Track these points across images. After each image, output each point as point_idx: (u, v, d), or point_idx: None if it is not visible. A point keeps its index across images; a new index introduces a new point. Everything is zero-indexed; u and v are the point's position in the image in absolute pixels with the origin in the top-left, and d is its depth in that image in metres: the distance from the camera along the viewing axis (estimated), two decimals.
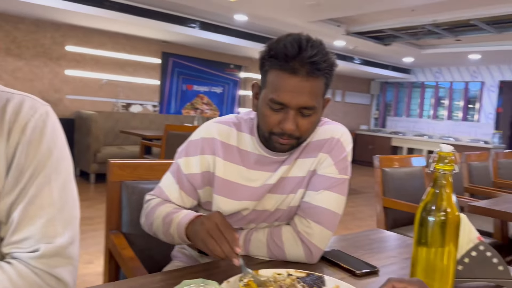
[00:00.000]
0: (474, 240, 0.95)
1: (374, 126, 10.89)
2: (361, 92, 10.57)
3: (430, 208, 0.86)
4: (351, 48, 7.43)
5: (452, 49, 7.05)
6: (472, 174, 3.31)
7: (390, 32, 6.13)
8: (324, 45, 0.95)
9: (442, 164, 0.85)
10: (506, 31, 5.56)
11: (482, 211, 1.99)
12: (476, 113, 9.09)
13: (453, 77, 9.31)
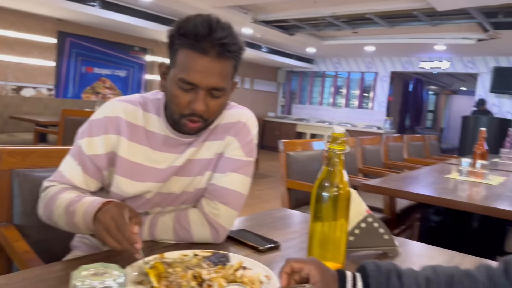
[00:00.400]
0: (363, 213, 1.05)
1: (281, 113, 11.29)
2: (269, 80, 10.88)
3: (324, 185, 0.93)
4: (258, 36, 7.58)
5: (350, 41, 7.55)
6: (365, 156, 3.61)
7: (294, 22, 6.37)
8: (234, 28, 0.96)
9: (335, 144, 0.93)
10: (397, 25, 6.11)
11: (373, 189, 2.19)
12: (370, 102, 9.90)
13: (351, 67, 10.01)
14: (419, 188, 2.23)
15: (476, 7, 4.77)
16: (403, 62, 9.23)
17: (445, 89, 14.79)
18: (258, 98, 10.60)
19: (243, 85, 10.05)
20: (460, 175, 2.69)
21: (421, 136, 4.95)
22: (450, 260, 1.08)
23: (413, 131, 11.65)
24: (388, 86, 9.57)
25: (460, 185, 2.42)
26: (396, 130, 10.12)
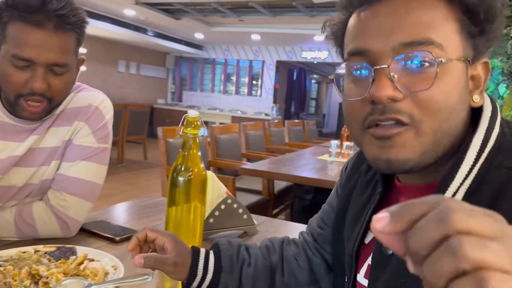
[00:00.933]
0: (223, 195, 1.08)
1: (171, 100, 11.05)
2: (157, 65, 10.53)
3: (180, 169, 0.92)
4: (142, 18, 7.27)
5: (237, 29, 7.65)
6: (248, 141, 3.72)
7: (179, 6, 6.23)
8: None
9: (189, 128, 0.92)
10: (280, 15, 6.35)
11: (251, 172, 2.27)
12: (259, 89, 10.21)
13: (240, 55, 10.18)
14: (292, 169, 2.37)
15: None
16: (287, 51, 9.67)
17: (326, 77, 15.92)
18: (146, 84, 10.21)
19: (129, 70, 9.58)
20: (330, 156, 2.93)
21: (300, 122, 5.25)
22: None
23: (298, 117, 12.36)
24: (274, 74, 9.96)
25: (329, 165, 2.64)
26: (282, 117, 10.62)
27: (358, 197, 0.66)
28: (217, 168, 2.93)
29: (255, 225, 1.12)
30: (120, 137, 5.98)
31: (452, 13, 0.49)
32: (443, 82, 0.47)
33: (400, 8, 0.49)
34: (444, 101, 0.48)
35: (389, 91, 0.47)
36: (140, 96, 9.98)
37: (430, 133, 0.48)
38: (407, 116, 0.48)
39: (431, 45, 0.47)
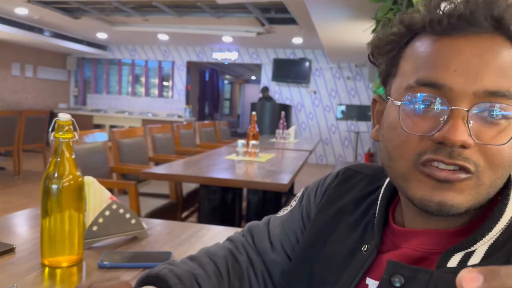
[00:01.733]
0: (107, 200, 1.03)
1: (74, 104, 10.37)
2: (56, 67, 9.81)
3: (52, 177, 0.86)
4: (36, 18, 6.73)
5: (142, 28, 7.41)
6: (156, 144, 3.63)
7: (77, 4, 5.88)
8: None
9: (61, 132, 0.87)
10: (185, 15, 6.27)
11: (152, 176, 2.21)
12: (170, 90, 10.00)
13: (148, 55, 9.88)
14: (197, 170, 2.35)
15: (251, 2, 5.27)
16: (197, 52, 9.60)
17: (238, 78, 16.13)
18: (44, 87, 9.45)
19: (24, 73, 8.80)
20: (237, 155, 2.96)
21: (211, 122, 5.25)
22: (196, 232, 1.16)
23: (212, 118, 12.36)
24: (186, 75, 9.84)
25: (237, 164, 2.66)
26: (196, 118, 10.53)
27: (343, 238, 0.61)
28: (120, 174, 2.81)
29: (145, 230, 1.09)
30: (15, 147, 5.47)
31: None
32: None
33: (488, 51, 0.46)
34: (509, 157, 0.47)
35: (464, 136, 0.45)
36: (38, 101, 9.23)
37: (488, 185, 0.47)
38: (473, 164, 0.46)
39: (510, 99, 0.46)
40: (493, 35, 0.47)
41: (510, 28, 0.47)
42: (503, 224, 0.48)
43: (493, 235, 0.48)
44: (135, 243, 1.06)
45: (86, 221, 1.01)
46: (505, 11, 0.47)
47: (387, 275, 0.51)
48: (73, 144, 0.90)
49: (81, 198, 0.89)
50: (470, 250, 0.48)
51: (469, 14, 0.47)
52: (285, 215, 0.74)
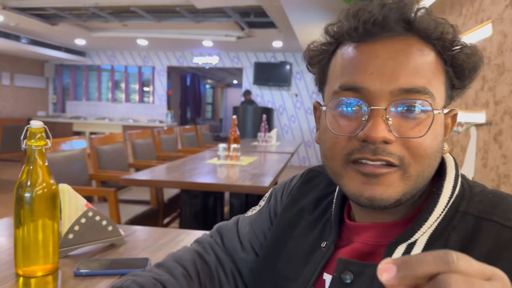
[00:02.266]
0: (83, 208, 1.02)
1: (53, 111, 10.20)
2: (34, 74, 9.63)
3: (26, 185, 0.85)
4: (12, 24, 6.61)
5: (121, 34, 7.34)
6: (136, 150, 3.60)
7: (54, 11, 5.79)
8: None
9: (33, 140, 0.86)
10: (164, 20, 6.24)
11: (131, 182, 2.19)
12: (150, 96, 9.92)
13: (127, 61, 9.79)
14: (178, 176, 2.34)
15: (230, 7, 5.29)
16: (177, 56, 9.56)
17: (220, 82, 16.11)
18: (22, 95, 9.27)
19: (1, 81, 8.62)
20: (219, 159, 2.96)
21: (193, 127, 5.24)
22: (175, 237, 1.15)
23: (194, 123, 12.30)
24: (166, 80, 9.78)
25: (218, 168, 2.66)
26: (178, 123, 10.47)
27: (304, 236, 0.64)
28: (100, 182, 2.78)
29: (122, 236, 1.09)
30: None
31: (441, 64, 0.52)
32: (432, 131, 0.50)
33: (401, 53, 0.50)
34: (431, 148, 0.50)
35: (384, 133, 0.49)
36: (16, 109, 9.05)
37: (415, 175, 0.50)
38: (397, 158, 0.49)
39: (426, 95, 0.50)
40: (406, 37, 0.51)
41: (420, 29, 0.51)
42: (438, 214, 0.51)
43: (430, 225, 0.51)
44: (113, 250, 1.06)
45: (62, 229, 1.00)
46: (415, 14, 0.51)
47: (337, 273, 0.54)
48: (46, 151, 0.89)
49: (55, 206, 0.89)
50: (412, 241, 0.51)
51: (382, 20, 0.50)
52: (254, 214, 0.76)
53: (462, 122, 1.76)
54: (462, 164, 1.73)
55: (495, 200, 0.51)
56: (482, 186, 0.55)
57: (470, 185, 0.55)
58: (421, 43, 0.52)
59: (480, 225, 0.48)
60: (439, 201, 0.52)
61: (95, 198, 2.77)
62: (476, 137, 1.60)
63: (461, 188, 0.54)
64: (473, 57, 0.53)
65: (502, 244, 0.46)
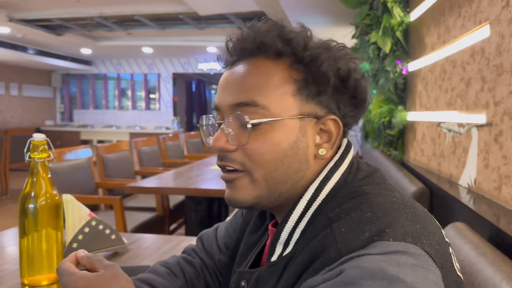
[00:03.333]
0: (86, 217, 1.04)
1: (60, 120, 10.31)
2: (41, 84, 9.75)
3: (29, 196, 0.88)
4: (19, 36, 6.71)
5: (126, 42, 7.43)
6: (142, 158, 3.63)
7: (59, 22, 5.88)
8: None
9: (36, 152, 0.88)
10: (168, 28, 6.30)
11: (137, 189, 2.22)
12: (157, 103, 10.00)
13: (133, 69, 9.88)
14: (182, 182, 2.36)
15: (233, 13, 5.32)
16: (182, 63, 9.63)
17: None
18: (30, 105, 9.38)
19: (9, 92, 8.74)
20: None
21: (198, 133, 5.25)
22: (178, 244, 1.17)
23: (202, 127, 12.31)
24: (172, 87, 9.85)
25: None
26: (184, 129, 10.52)
27: (251, 233, 0.69)
28: (106, 189, 2.81)
29: (125, 244, 1.11)
30: (2, 166, 5.43)
31: (290, 76, 0.56)
32: (267, 138, 0.55)
33: (243, 73, 0.57)
34: (268, 154, 0.55)
35: (221, 143, 0.56)
36: (24, 119, 9.16)
37: (262, 179, 0.56)
38: (239, 164, 0.56)
39: (255, 107, 0.55)
40: (255, 58, 0.58)
41: (266, 46, 0.57)
42: (297, 215, 0.55)
43: (291, 226, 0.55)
44: (116, 258, 1.08)
45: (66, 239, 1.02)
46: (264, 34, 0.57)
47: (236, 283, 0.61)
48: (49, 163, 0.91)
49: (59, 217, 0.91)
50: (286, 241, 0.55)
51: (240, 44, 0.59)
52: (230, 219, 0.81)
53: (464, 123, 1.76)
54: (465, 165, 1.73)
55: (350, 204, 0.52)
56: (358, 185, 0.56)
57: (348, 183, 0.56)
58: (269, 60, 0.57)
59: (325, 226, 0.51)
60: (298, 204, 0.56)
61: (101, 206, 2.79)
62: (477, 138, 1.60)
63: (337, 188, 0.56)
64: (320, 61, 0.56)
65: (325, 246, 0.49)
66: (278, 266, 0.54)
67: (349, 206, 0.51)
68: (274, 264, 0.55)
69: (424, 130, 2.44)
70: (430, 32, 2.32)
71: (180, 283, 0.72)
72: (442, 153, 2.05)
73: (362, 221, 0.48)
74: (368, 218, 0.48)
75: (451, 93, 1.92)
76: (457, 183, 1.80)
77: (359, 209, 0.50)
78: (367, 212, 0.49)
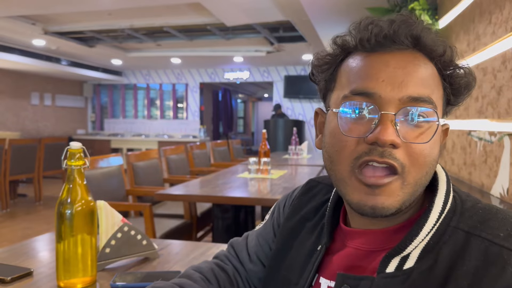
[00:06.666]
0: (119, 223, 1.08)
1: (92, 129, 10.62)
2: (74, 94, 10.10)
3: (66, 202, 0.92)
4: (53, 48, 6.99)
5: (155, 53, 7.61)
6: (170, 166, 3.70)
7: (91, 34, 6.09)
8: None
9: (72, 160, 0.92)
10: (196, 39, 6.43)
11: (165, 197, 2.26)
12: (184, 112, 10.16)
13: (162, 79, 10.10)
14: (210, 190, 2.39)
15: (259, 23, 5.38)
16: (209, 73, 9.78)
17: (251, 96, 16.27)
18: (62, 115, 9.72)
19: (43, 102, 9.08)
20: (250, 173, 3.00)
21: (224, 142, 5.31)
22: (206, 251, 1.19)
23: (226, 137, 12.45)
24: (199, 96, 10.00)
25: (249, 182, 2.70)
26: (210, 138, 10.64)
27: (304, 241, 0.67)
28: (136, 197, 2.87)
29: (156, 250, 1.14)
30: (36, 174, 5.63)
31: (440, 81, 0.56)
32: (434, 140, 0.54)
33: (409, 64, 0.54)
34: (430, 157, 0.53)
35: (393, 136, 0.51)
36: (57, 128, 9.49)
37: (413, 183, 0.53)
38: (400, 165, 0.52)
39: (431, 105, 0.53)
40: (413, 51, 0.55)
41: (426, 45, 0.55)
42: (428, 229, 0.53)
43: (421, 239, 0.52)
44: (147, 263, 1.10)
45: (99, 244, 1.06)
46: (422, 31, 0.55)
47: (337, 286, 0.57)
48: (85, 170, 0.95)
49: (93, 222, 0.94)
50: (405, 254, 0.53)
51: (392, 34, 0.54)
52: (260, 228, 0.81)
53: (495, 132, 1.72)
54: (497, 174, 1.68)
55: (485, 216, 0.52)
56: (474, 201, 0.56)
57: (462, 200, 0.56)
58: (425, 58, 0.56)
59: (470, 241, 0.50)
60: (430, 216, 0.53)
61: (131, 213, 2.86)
62: (510, 147, 1.56)
63: (453, 203, 0.55)
64: (466, 77, 0.57)
65: (490, 260, 0.47)
66: (398, 280, 0.51)
67: (486, 219, 0.52)
68: (392, 276, 0.52)
69: (454, 139, 2.39)
70: (459, 39, 2.29)
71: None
72: (473, 162, 2.00)
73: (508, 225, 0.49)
74: None
75: (482, 101, 1.88)
76: (489, 193, 1.75)
77: (494, 219, 0.51)
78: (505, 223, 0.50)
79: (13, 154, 5.20)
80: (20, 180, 6.09)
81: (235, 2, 4.33)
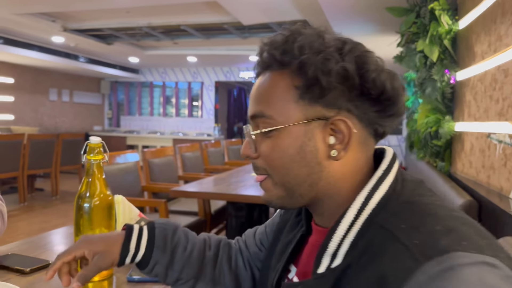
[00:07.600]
0: (136, 218, 1.09)
1: (108, 126, 10.75)
2: (91, 91, 10.24)
3: (85, 196, 0.93)
4: (72, 45, 7.09)
5: (172, 52, 7.66)
6: (185, 163, 3.72)
7: (109, 31, 6.16)
8: None
9: (92, 154, 0.94)
10: (213, 38, 6.45)
11: (180, 193, 2.28)
12: (199, 110, 10.22)
13: (177, 77, 10.17)
14: (224, 188, 2.40)
15: (275, 22, 5.38)
16: (225, 72, 9.80)
17: None
18: (80, 111, 9.87)
19: (61, 98, 9.23)
20: None
21: (239, 140, 5.33)
22: None
23: (241, 136, 12.48)
24: (214, 95, 10.04)
25: None
26: (225, 136, 10.67)
27: (289, 231, 0.71)
28: (152, 193, 2.90)
29: None
30: (53, 169, 5.73)
31: (292, 84, 0.57)
32: (275, 145, 0.59)
33: (256, 86, 0.62)
34: (278, 160, 0.59)
35: (246, 150, 0.62)
36: (74, 124, 9.63)
37: (280, 183, 0.60)
38: (262, 169, 0.61)
39: (263, 117, 0.59)
40: (266, 70, 0.61)
41: (272, 62, 0.60)
42: (347, 224, 0.54)
43: (341, 235, 0.54)
44: None
45: None
46: (276, 49, 0.59)
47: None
48: (104, 165, 0.96)
49: (111, 216, 0.95)
50: (333, 253, 0.54)
51: (260, 58, 0.62)
52: (270, 219, 0.85)
53: None
54: None
55: (408, 213, 0.51)
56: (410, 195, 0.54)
57: (398, 193, 0.55)
58: (276, 71, 0.60)
59: (388, 239, 0.49)
60: (347, 212, 0.55)
61: (147, 208, 2.89)
62: None
63: (386, 197, 0.54)
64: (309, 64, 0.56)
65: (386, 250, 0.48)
66: (327, 279, 0.53)
67: (412, 218, 0.49)
68: (322, 276, 0.53)
69: (472, 141, 2.35)
70: (480, 40, 2.25)
71: (211, 254, 0.79)
72: (492, 165, 1.97)
73: (434, 233, 0.46)
74: (439, 231, 0.46)
75: (503, 103, 1.85)
76: (508, 197, 1.72)
77: (425, 223, 0.48)
78: (435, 225, 0.47)
79: (31, 149, 5.29)
80: (38, 174, 6.21)
81: (252, 1, 4.33)
